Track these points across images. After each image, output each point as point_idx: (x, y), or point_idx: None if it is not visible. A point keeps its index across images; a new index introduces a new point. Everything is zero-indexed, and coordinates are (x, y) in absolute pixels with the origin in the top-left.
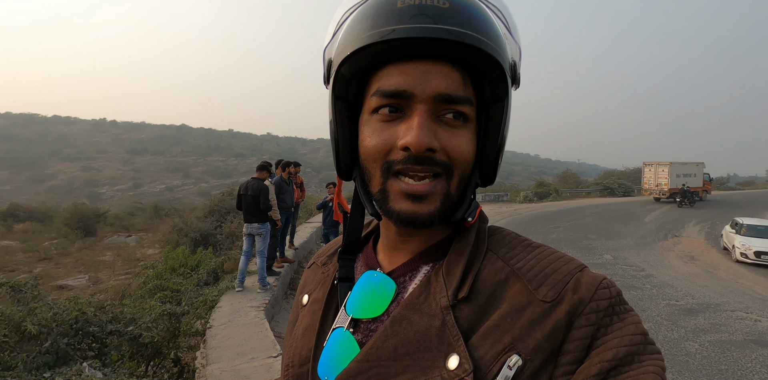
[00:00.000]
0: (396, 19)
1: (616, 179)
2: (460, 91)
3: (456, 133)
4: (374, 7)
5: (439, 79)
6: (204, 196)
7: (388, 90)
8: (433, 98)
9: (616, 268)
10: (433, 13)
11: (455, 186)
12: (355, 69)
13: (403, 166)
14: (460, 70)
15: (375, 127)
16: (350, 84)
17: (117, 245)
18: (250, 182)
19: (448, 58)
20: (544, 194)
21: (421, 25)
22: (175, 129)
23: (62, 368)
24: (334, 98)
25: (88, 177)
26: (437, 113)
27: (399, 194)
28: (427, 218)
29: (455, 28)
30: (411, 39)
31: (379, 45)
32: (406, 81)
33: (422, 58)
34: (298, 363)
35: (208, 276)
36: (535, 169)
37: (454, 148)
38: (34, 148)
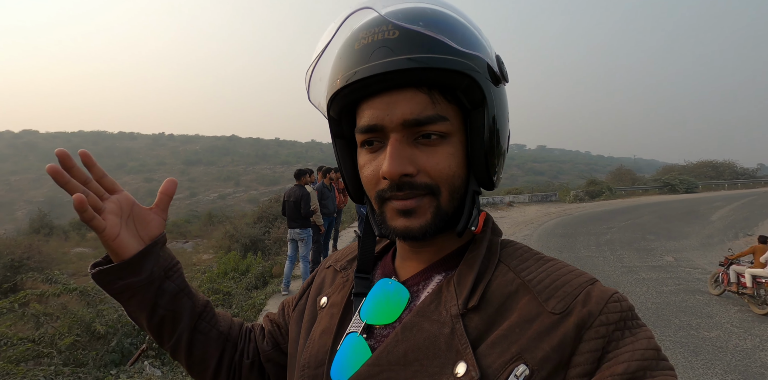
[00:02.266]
0: (357, 61)
1: (677, 174)
2: (428, 112)
3: (434, 152)
4: (341, 54)
5: (404, 106)
6: (253, 203)
7: (363, 126)
8: (401, 125)
9: (678, 271)
10: (389, 44)
11: (446, 200)
12: (339, 111)
13: (390, 194)
14: (425, 91)
15: (365, 159)
16: (341, 123)
17: (175, 251)
18: (292, 189)
19: (410, 84)
20: (596, 192)
21: (379, 61)
22: (226, 140)
23: (126, 366)
24: (333, 136)
25: (149, 188)
26: (412, 136)
27: (393, 213)
28: (419, 231)
29: (413, 55)
30: (372, 76)
31: (347, 88)
32: (376, 115)
33: (388, 89)
34: (314, 364)
35: (256, 280)
36: (586, 166)
37: (432, 167)
38: (103, 162)
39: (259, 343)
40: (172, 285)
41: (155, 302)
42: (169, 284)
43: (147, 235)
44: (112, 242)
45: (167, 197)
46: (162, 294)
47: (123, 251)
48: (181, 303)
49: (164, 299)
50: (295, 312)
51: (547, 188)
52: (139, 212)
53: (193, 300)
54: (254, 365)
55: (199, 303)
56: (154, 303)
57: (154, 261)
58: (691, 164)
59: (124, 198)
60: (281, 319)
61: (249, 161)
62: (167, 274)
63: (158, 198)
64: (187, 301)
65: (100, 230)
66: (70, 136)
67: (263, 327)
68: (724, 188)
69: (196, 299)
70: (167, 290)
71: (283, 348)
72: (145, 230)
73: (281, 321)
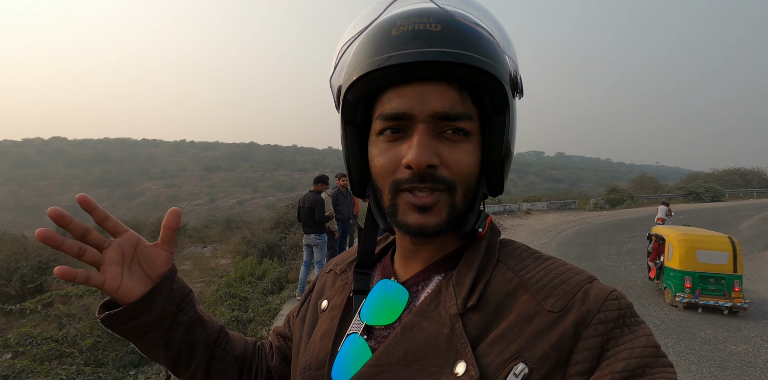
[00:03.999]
0: (392, 46)
1: (702, 182)
2: (457, 108)
3: (457, 147)
4: (373, 37)
5: (435, 98)
6: (271, 209)
7: (389, 113)
8: (431, 117)
9: None
10: (426, 36)
11: (460, 198)
12: (360, 95)
13: (409, 185)
14: (457, 88)
15: (381, 147)
16: (357, 109)
17: (194, 255)
18: (307, 195)
19: (443, 78)
20: (617, 200)
21: (415, 49)
22: (245, 147)
23: (144, 367)
24: (344, 123)
25: (170, 193)
26: (438, 130)
27: (407, 207)
28: (434, 229)
29: (448, 49)
30: (406, 64)
31: (378, 72)
32: (405, 103)
33: (419, 80)
34: (315, 366)
35: (273, 285)
36: (606, 174)
37: (454, 162)
38: (127, 168)
39: (269, 361)
40: (185, 317)
41: (169, 337)
42: (182, 317)
43: (155, 273)
44: (115, 293)
45: (171, 231)
46: (175, 329)
47: (128, 296)
48: (196, 335)
49: (178, 333)
50: (298, 319)
51: (566, 196)
52: (144, 250)
53: (207, 329)
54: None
55: (214, 331)
56: (168, 339)
57: (165, 298)
58: (717, 171)
59: (127, 240)
60: (287, 331)
61: (267, 167)
62: (179, 307)
63: (162, 233)
64: (201, 332)
65: (99, 286)
66: (96, 143)
67: (271, 343)
68: (752, 197)
69: (210, 327)
70: (180, 323)
71: (291, 360)
72: (153, 268)
73: (288, 333)
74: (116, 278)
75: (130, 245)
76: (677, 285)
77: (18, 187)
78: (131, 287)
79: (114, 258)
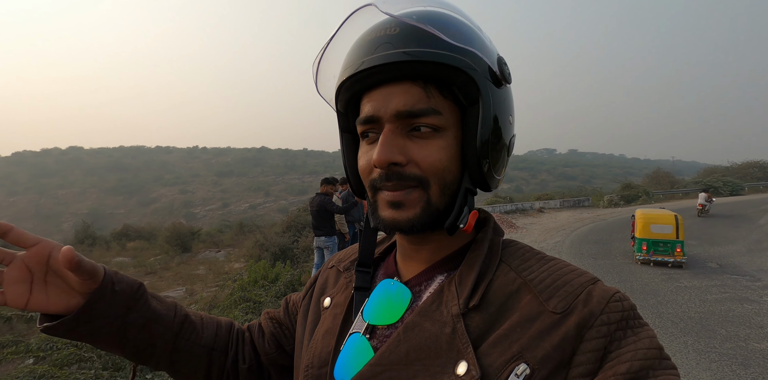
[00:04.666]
0: (363, 54)
1: (720, 176)
2: (421, 105)
3: (426, 144)
4: (351, 47)
5: (398, 98)
6: (283, 212)
7: (363, 118)
8: (395, 116)
9: (723, 278)
10: (386, 41)
11: (436, 194)
12: (345, 103)
13: (380, 184)
14: (421, 85)
15: (363, 150)
16: (347, 117)
17: (208, 259)
18: (315, 198)
19: (407, 77)
20: (631, 197)
21: (376, 54)
22: (256, 152)
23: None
24: (341, 130)
25: (184, 199)
26: (406, 128)
27: (383, 204)
28: (406, 224)
29: (404, 49)
30: (372, 68)
31: (351, 79)
32: (374, 107)
33: (387, 82)
34: (318, 364)
35: (285, 288)
36: (621, 170)
37: (423, 158)
38: (142, 176)
39: (259, 345)
40: (137, 316)
41: (123, 336)
42: (134, 316)
43: (81, 286)
44: (26, 308)
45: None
46: (127, 329)
47: (51, 309)
48: (152, 331)
49: (131, 332)
50: (300, 315)
51: (580, 193)
52: (57, 264)
53: (164, 323)
54: (252, 369)
55: (175, 322)
56: (121, 338)
57: (108, 303)
58: (736, 164)
59: (34, 255)
60: (286, 318)
61: (278, 171)
62: (129, 306)
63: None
64: (158, 327)
65: (1, 303)
66: (111, 151)
67: (262, 328)
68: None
69: (168, 320)
70: (132, 323)
71: (287, 349)
72: (79, 281)
73: (286, 320)
74: (20, 297)
75: (38, 261)
76: (638, 247)
77: (38, 196)
78: (49, 301)
79: (14, 277)
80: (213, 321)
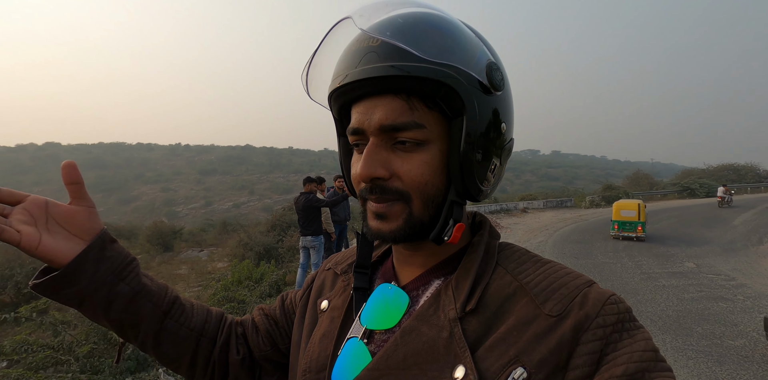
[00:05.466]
0: (349, 65)
1: (696, 178)
2: (404, 118)
3: (410, 158)
4: (341, 56)
5: (380, 111)
6: (267, 211)
7: (349, 129)
8: (378, 130)
9: (700, 277)
10: (374, 50)
11: (419, 208)
12: (338, 110)
13: (366, 195)
14: (403, 98)
15: (354, 159)
16: (342, 123)
17: (191, 259)
18: (299, 197)
19: (387, 91)
20: (612, 197)
21: (365, 66)
22: (241, 149)
23: (141, 373)
24: (338, 135)
25: (166, 197)
26: (391, 141)
27: (370, 213)
28: (389, 234)
29: (383, 63)
30: (356, 81)
31: (337, 91)
32: (358, 119)
33: (372, 94)
34: (315, 368)
35: (270, 288)
36: (602, 171)
37: (405, 173)
38: (122, 173)
39: (253, 341)
40: (126, 287)
41: (108, 307)
42: (123, 287)
43: (83, 231)
44: (37, 252)
45: (76, 185)
46: (115, 299)
47: (59, 257)
48: (140, 306)
49: (118, 303)
50: (297, 314)
51: (562, 194)
52: (57, 211)
53: (154, 300)
54: (245, 362)
55: (164, 302)
56: (106, 308)
57: (95, 266)
58: (712, 167)
59: (31, 203)
60: (282, 316)
61: (263, 170)
62: (120, 276)
63: (69, 190)
64: (147, 303)
65: (16, 242)
66: (90, 148)
67: (256, 323)
68: (746, 192)
69: (158, 298)
70: (121, 293)
71: (281, 348)
72: (79, 227)
73: (282, 318)
74: (33, 236)
75: (37, 207)
76: (612, 227)
77: None
78: (57, 245)
79: (22, 220)
80: (203, 308)
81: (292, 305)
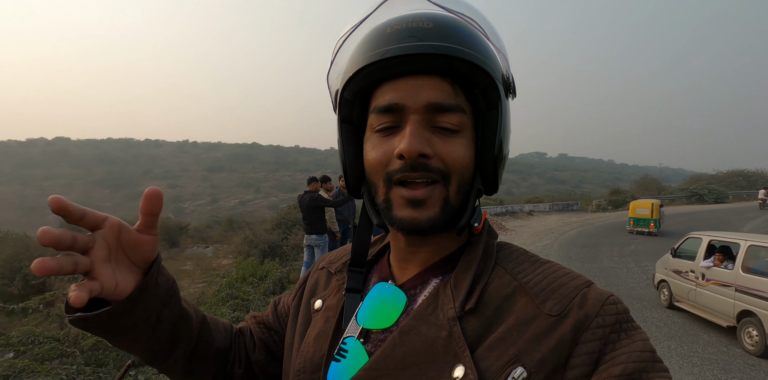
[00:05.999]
0: (387, 42)
1: (705, 183)
2: (450, 100)
3: (450, 141)
4: (369, 37)
5: (428, 90)
6: (273, 209)
7: (383, 105)
8: (425, 108)
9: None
10: (420, 33)
11: (454, 192)
12: (356, 91)
13: (402, 174)
14: (449, 82)
15: (375, 142)
16: (353, 106)
17: (196, 255)
18: (303, 196)
19: (436, 72)
20: (619, 202)
21: (410, 44)
22: (247, 147)
23: (145, 367)
24: (341, 121)
25: (173, 194)
26: (431, 122)
27: (400, 202)
28: (427, 223)
29: (441, 43)
30: (401, 57)
31: (374, 65)
32: (399, 95)
33: (413, 73)
34: (310, 369)
35: (274, 286)
36: (609, 175)
37: (448, 154)
38: (130, 169)
39: (250, 352)
40: (170, 314)
41: (151, 335)
42: (167, 313)
43: (141, 260)
44: (112, 295)
45: (153, 216)
46: (159, 327)
47: (120, 293)
48: (180, 331)
49: (162, 331)
50: (290, 317)
51: (569, 197)
52: (128, 237)
53: (191, 323)
54: (246, 375)
55: (198, 323)
56: (149, 337)
57: (152, 294)
58: (721, 173)
59: (109, 230)
60: (275, 322)
61: (269, 168)
62: (164, 302)
63: (143, 220)
64: (186, 326)
65: (97, 294)
66: (99, 143)
67: (252, 332)
68: (756, 198)
69: (194, 320)
70: (165, 321)
71: (277, 355)
72: (139, 255)
73: (275, 324)
74: (111, 279)
75: (113, 236)
76: (628, 223)
77: (22, 187)
78: (122, 281)
79: (103, 257)
80: (218, 322)
81: (285, 309)
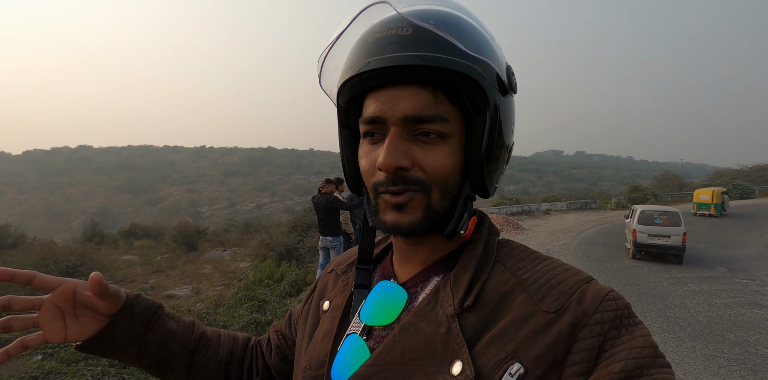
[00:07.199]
0: (368, 53)
1: (729, 179)
2: (429, 110)
3: (431, 149)
4: (356, 44)
5: (406, 101)
6: (289, 212)
7: (367, 117)
8: (402, 120)
9: (733, 282)
10: (397, 41)
11: (438, 199)
12: (348, 100)
13: (384, 188)
14: (430, 90)
15: (365, 150)
16: (348, 113)
17: (215, 258)
18: (319, 198)
19: (415, 81)
20: (639, 199)
21: (388, 55)
22: (263, 151)
23: None
24: (340, 126)
25: (191, 198)
26: (413, 131)
27: (386, 206)
28: (408, 227)
29: (416, 52)
30: (377, 69)
31: (355, 78)
32: (379, 108)
33: (395, 84)
34: (315, 366)
35: (291, 288)
36: (628, 172)
37: (428, 163)
38: (150, 175)
39: (267, 359)
40: (154, 337)
41: (143, 354)
42: (152, 336)
43: (105, 310)
44: (67, 341)
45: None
46: (146, 348)
47: (90, 334)
48: (169, 350)
49: (151, 350)
50: (301, 319)
51: (587, 195)
52: (83, 299)
53: (181, 342)
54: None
55: (192, 340)
56: (142, 356)
57: (126, 326)
58: (746, 167)
59: (60, 293)
60: (288, 329)
61: (284, 171)
62: (147, 327)
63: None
64: (175, 345)
65: (42, 343)
66: (120, 150)
67: (270, 340)
68: None
69: (184, 339)
70: (151, 343)
71: (290, 359)
72: (99, 309)
73: (287, 332)
74: (58, 334)
75: (64, 297)
76: (692, 207)
77: (48, 194)
78: (85, 329)
79: (47, 318)
80: (231, 337)
81: (296, 316)
